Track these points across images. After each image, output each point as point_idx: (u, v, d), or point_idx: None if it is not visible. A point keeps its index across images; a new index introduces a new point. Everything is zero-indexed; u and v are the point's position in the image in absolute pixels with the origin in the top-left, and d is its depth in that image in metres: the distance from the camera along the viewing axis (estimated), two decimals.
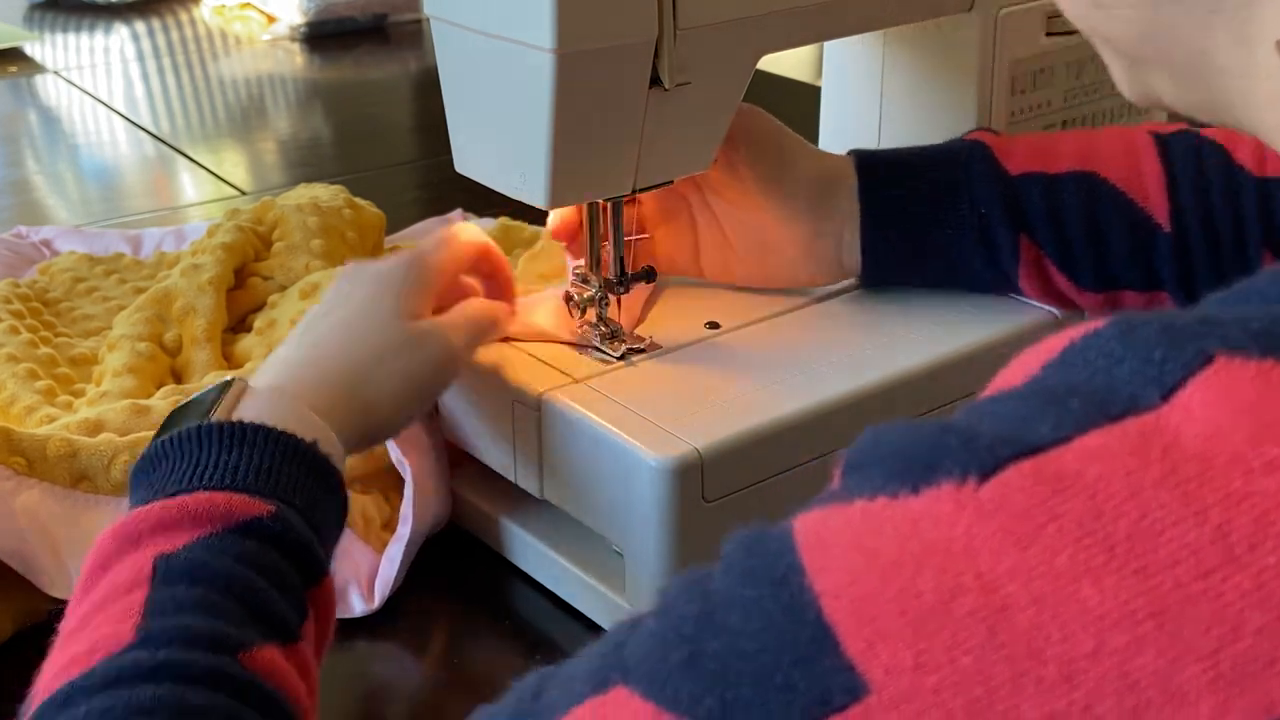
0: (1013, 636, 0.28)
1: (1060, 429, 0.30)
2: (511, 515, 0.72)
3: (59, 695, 0.43)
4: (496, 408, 0.69)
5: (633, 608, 0.64)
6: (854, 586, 0.30)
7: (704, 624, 0.32)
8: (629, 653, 0.33)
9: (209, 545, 0.49)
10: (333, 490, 0.56)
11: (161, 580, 0.47)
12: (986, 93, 0.76)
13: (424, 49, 1.79)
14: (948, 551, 0.29)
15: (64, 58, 1.78)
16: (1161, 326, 0.31)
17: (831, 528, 0.32)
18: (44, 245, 1.07)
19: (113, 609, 0.47)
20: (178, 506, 0.50)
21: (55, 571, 0.66)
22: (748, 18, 0.64)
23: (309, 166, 1.37)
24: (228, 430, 0.53)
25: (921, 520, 0.30)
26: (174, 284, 0.88)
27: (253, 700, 0.45)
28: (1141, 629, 0.28)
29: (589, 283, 0.71)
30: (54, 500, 0.68)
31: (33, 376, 0.80)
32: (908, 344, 0.70)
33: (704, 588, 0.33)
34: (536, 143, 0.62)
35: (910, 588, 0.29)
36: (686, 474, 0.61)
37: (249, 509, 0.51)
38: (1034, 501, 0.29)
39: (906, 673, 0.29)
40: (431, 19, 0.65)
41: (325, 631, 0.53)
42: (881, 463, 0.32)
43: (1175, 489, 0.28)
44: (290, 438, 0.54)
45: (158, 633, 0.45)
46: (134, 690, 0.43)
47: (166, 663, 0.44)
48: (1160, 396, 0.29)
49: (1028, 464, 0.30)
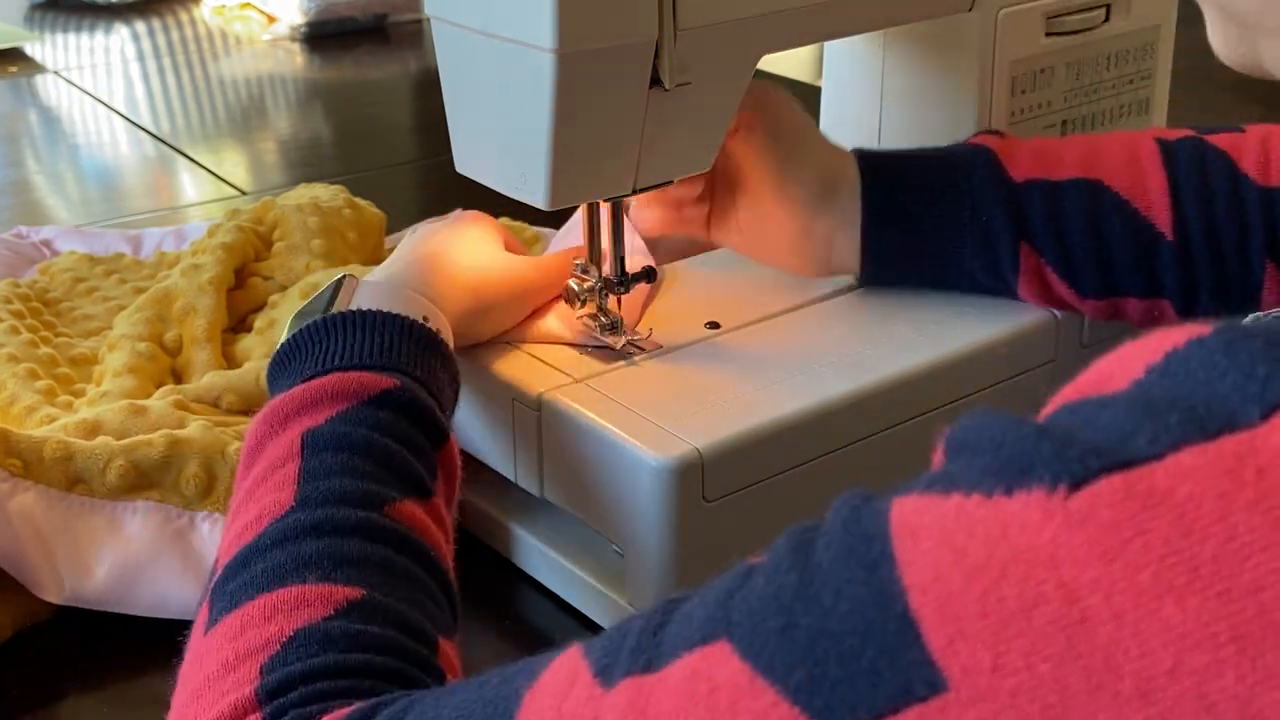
0: (1091, 648, 0.29)
1: (1156, 444, 0.30)
2: (511, 515, 0.72)
3: (237, 558, 0.50)
4: (496, 408, 0.69)
5: (633, 608, 0.64)
6: (940, 584, 0.31)
7: (800, 596, 0.33)
8: (735, 606, 0.35)
9: (347, 417, 0.56)
10: (445, 361, 0.63)
11: (310, 451, 0.54)
12: (986, 93, 0.76)
13: (424, 49, 1.79)
14: (1033, 559, 0.29)
15: (64, 58, 1.78)
16: (1268, 341, 0.30)
17: (926, 520, 0.32)
18: (44, 245, 1.07)
19: (272, 480, 0.54)
20: (316, 387, 0.57)
21: (48, 575, 0.66)
22: (748, 18, 0.64)
23: (309, 166, 1.37)
24: (348, 318, 0.61)
25: (1011, 525, 0.30)
26: (174, 284, 0.88)
27: (400, 546, 0.51)
28: (1223, 652, 0.27)
29: (589, 274, 0.71)
30: (49, 503, 0.67)
31: (33, 376, 0.80)
32: (908, 344, 0.70)
33: (806, 556, 0.34)
34: (536, 143, 0.62)
35: (994, 591, 0.30)
36: (686, 474, 0.61)
37: (378, 383, 0.57)
38: (1122, 516, 0.29)
39: (984, 674, 0.29)
40: (431, 19, 0.65)
41: (453, 487, 0.60)
42: (981, 454, 0.32)
43: (1267, 513, 0.28)
44: (402, 318, 0.61)
45: (313, 495, 0.52)
46: (299, 545, 0.50)
47: (324, 520, 0.51)
48: (1260, 415, 0.29)
49: (1119, 478, 0.29)
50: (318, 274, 0.89)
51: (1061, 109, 0.80)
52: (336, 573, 0.49)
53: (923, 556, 0.31)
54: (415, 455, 0.56)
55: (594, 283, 0.71)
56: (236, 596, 0.48)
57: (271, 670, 0.45)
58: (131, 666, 0.65)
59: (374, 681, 0.45)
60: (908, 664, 0.30)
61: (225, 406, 0.78)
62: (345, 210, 0.97)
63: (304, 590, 0.48)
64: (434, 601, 0.51)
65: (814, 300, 0.76)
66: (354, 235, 0.96)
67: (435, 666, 0.48)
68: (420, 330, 0.62)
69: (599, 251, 0.70)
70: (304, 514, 0.51)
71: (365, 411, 0.56)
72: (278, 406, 0.57)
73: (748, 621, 0.34)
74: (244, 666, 0.45)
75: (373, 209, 1.01)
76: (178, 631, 0.51)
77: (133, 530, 0.68)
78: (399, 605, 0.49)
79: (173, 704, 0.47)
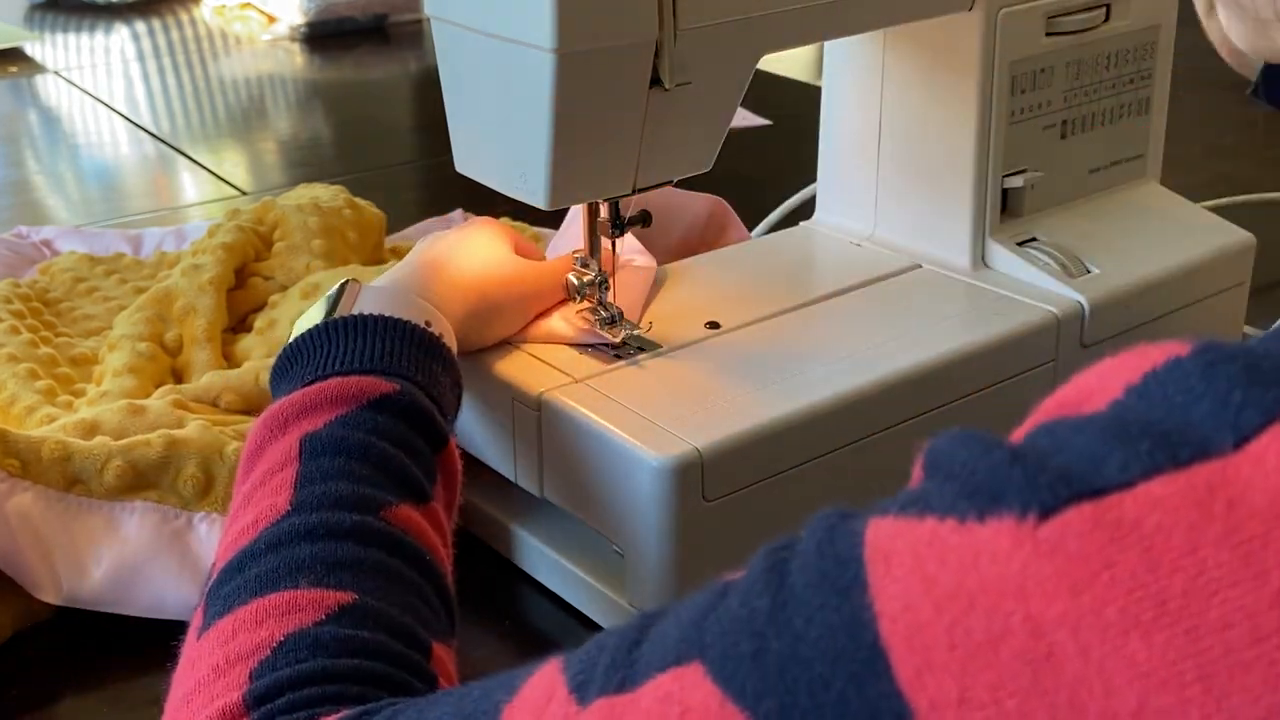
0: (1057, 684, 0.28)
1: (1126, 471, 0.29)
2: (511, 515, 0.72)
3: (233, 562, 0.50)
4: (496, 408, 0.69)
5: (633, 608, 0.64)
6: (910, 613, 0.30)
7: (773, 620, 0.33)
8: (709, 627, 0.34)
9: (346, 421, 0.56)
10: (447, 365, 0.63)
11: (308, 455, 0.54)
12: (987, 93, 0.76)
13: (424, 49, 1.79)
14: (1002, 589, 0.29)
15: (64, 58, 1.78)
16: (1246, 365, 0.29)
17: (899, 545, 0.31)
18: (44, 245, 1.07)
19: (269, 484, 0.53)
20: (316, 391, 0.57)
21: (45, 576, 0.66)
22: (748, 18, 0.64)
23: (309, 166, 1.37)
24: (351, 323, 0.61)
25: (981, 553, 0.30)
26: (174, 284, 0.88)
27: (395, 550, 0.51)
28: (1189, 691, 0.27)
29: (589, 267, 0.71)
30: (47, 503, 0.67)
31: (33, 376, 0.80)
32: (907, 344, 0.70)
33: (780, 577, 0.33)
34: (536, 143, 0.62)
35: (962, 622, 0.29)
36: (686, 474, 0.61)
37: (377, 387, 0.57)
38: (1090, 547, 0.28)
39: (951, 707, 0.29)
40: (432, 19, 0.65)
41: (453, 492, 0.60)
42: (954, 477, 0.31)
43: (1236, 548, 0.27)
44: (404, 323, 0.61)
45: (309, 500, 0.52)
46: (293, 549, 0.49)
47: (318, 524, 0.50)
48: (1233, 443, 0.28)
49: (1089, 506, 0.29)
50: (318, 274, 0.89)
51: (1061, 109, 0.80)
52: (329, 577, 0.48)
53: (894, 584, 0.31)
54: (414, 459, 0.56)
55: (594, 277, 0.71)
56: (230, 601, 0.48)
57: (260, 675, 0.44)
58: (131, 667, 0.65)
59: (363, 687, 0.44)
60: (876, 695, 0.30)
61: (224, 406, 0.78)
62: (345, 210, 0.97)
63: (296, 595, 0.47)
64: (429, 606, 0.51)
65: (814, 300, 0.76)
66: (354, 235, 0.96)
67: (427, 671, 0.47)
68: (422, 335, 0.62)
69: (598, 249, 0.70)
70: (299, 518, 0.51)
71: (364, 415, 0.56)
72: (278, 411, 0.57)
73: (720, 644, 0.33)
74: (234, 671, 0.45)
75: (373, 209, 1.01)
76: (177, 632, 0.51)
77: (130, 531, 0.68)
78: (391, 609, 0.48)
79: (165, 708, 0.47)
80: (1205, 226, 0.84)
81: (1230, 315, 0.84)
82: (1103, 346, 0.76)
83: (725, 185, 0.89)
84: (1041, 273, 0.76)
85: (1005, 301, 0.75)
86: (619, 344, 0.70)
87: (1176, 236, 0.82)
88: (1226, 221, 0.85)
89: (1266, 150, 1.34)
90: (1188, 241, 0.82)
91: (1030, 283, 0.76)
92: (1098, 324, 0.75)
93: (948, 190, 0.79)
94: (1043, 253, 0.78)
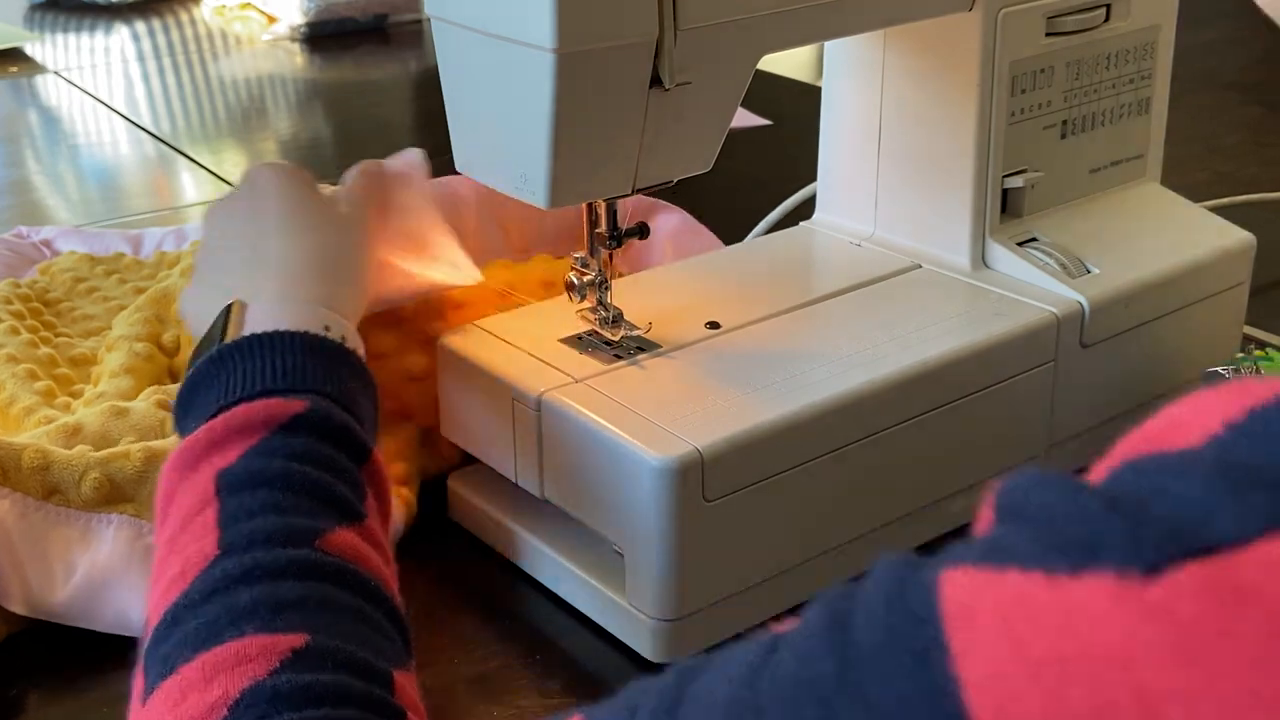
0: None
1: (1242, 526, 0.26)
2: (512, 515, 0.72)
3: (166, 618, 0.47)
4: (496, 408, 0.69)
5: (633, 607, 0.64)
6: (999, 682, 0.27)
7: (841, 686, 0.29)
8: (764, 690, 0.31)
9: (259, 450, 0.52)
10: (355, 369, 0.59)
11: (226, 493, 0.51)
12: (986, 92, 0.76)
13: (424, 49, 1.79)
14: (1104, 657, 0.26)
15: (64, 58, 1.78)
16: None
17: (982, 601, 0.28)
18: (44, 245, 1.07)
19: (191, 529, 0.50)
20: (222, 424, 0.53)
21: (16, 587, 0.65)
22: (748, 18, 0.64)
23: (309, 166, 1.36)
24: (244, 345, 0.56)
25: (1076, 614, 0.26)
26: (174, 284, 0.88)
27: (339, 580, 0.48)
28: None
29: (589, 268, 0.71)
30: (25, 512, 0.66)
31: (32, 377, 0.80)
32: (908, 344, 0.70)
33: (844, 634, 0.30)
34: (536, 143, 0.62)
35: (1058, 693, 0.26)
36: (686, 474, 0.61)
37: (285, 408, 0.54)
38: (1205, 612, 0.25)
39: None
40: (431, 19, 0.65)
41: (385, 503, 0.56)
42: (1037, 522, 0.28)
43: None
44: (301, 334, 0.57)
45: (238, 540, 0.48)
46: (231, 596, 0.46)
47: (253, 565, 0.47)
48: None
49: (1200, 566, 0.26)
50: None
51: (1061, 109, 0.80)
52: (276, 620, 0.45)
53: (979, 646, 0.27)
54: (339, 478, 0.53)
55: (593, 276, 0.71)
56: (171, 660, 0.45)
57: None
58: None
59: None
60: None
61: None
62: None
63: (243, 644, 0.44)
64: (382, 633, 0.49)
65: (814, 300, 0.76)
66: None
67: (392, 706, 0.45)
68: (322, 342, 0.58)
69: (598, 247, 0.70)
70: (231, 561, 0.48)
71: (277, 441, 0.53)
72: (185, 450, 0.53)
73: (778, 711, 0.30)
74: None
75: None
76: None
77: (105, 543, 0.67)
78: (347, 646, 0.46)
79: None
80: (1205, 226, 0.84)
81: (1230, 315, 0.84)
82: (1103, 347, 0.76)
83: (725, 185, 0.89)
84: (1041, 273, 0.76)
85: (1005, 301, 0.75)
86: (617, 343, 0.70)
87: (1176, 236, 0.82)
88: (1226, 221, 0.85)
89: (1266, 150, 1.34)
90: (1188, 241, 0.82)
91: (1030, 283, 0.76)
92: (1098, 324, 0.75)
93: (948, 190, 0.79)
94: (1043, 253, 0.78)
